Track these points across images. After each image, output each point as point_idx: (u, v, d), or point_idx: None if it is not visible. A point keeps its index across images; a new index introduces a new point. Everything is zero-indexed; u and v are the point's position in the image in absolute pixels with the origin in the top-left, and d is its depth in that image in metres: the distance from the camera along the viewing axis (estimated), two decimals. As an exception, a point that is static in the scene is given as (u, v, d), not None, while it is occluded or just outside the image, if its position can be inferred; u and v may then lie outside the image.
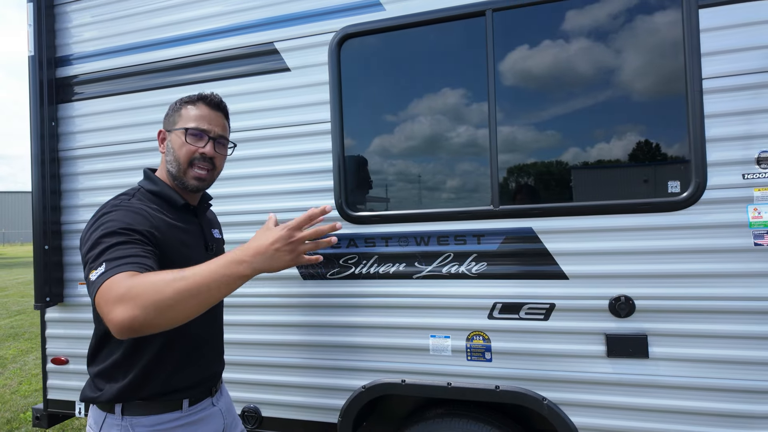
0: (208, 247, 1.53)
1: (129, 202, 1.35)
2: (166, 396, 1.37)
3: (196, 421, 1.43)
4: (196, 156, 1.44)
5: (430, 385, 2.03)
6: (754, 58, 1.71)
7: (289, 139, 2.23)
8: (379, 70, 2.20)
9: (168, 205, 1.45)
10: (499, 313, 1.95)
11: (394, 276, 2.08)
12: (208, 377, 1.50)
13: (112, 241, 1.19)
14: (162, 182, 1.48)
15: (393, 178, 2.18)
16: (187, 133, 1.43)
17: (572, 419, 1.87)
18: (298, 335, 2.22)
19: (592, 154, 1.90)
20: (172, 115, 1.48)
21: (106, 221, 1.25)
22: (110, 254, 1.15)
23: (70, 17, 2.62)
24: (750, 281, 1.71)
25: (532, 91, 1.98)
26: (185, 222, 1.47)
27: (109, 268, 1.11)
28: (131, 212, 1.30)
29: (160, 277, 1.07)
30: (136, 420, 1.33)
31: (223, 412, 1.55)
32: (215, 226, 1.73)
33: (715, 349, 1.74)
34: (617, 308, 1.81)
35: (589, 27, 1.90)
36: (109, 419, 1.34)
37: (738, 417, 1.72)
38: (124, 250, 1.17)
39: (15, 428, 3.92)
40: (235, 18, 2.31)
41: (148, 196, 1.44)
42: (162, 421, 1.35)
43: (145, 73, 2.48)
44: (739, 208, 1.72)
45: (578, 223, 1.86)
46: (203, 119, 1.46)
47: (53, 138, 2.61)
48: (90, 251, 1.20)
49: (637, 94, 1.86)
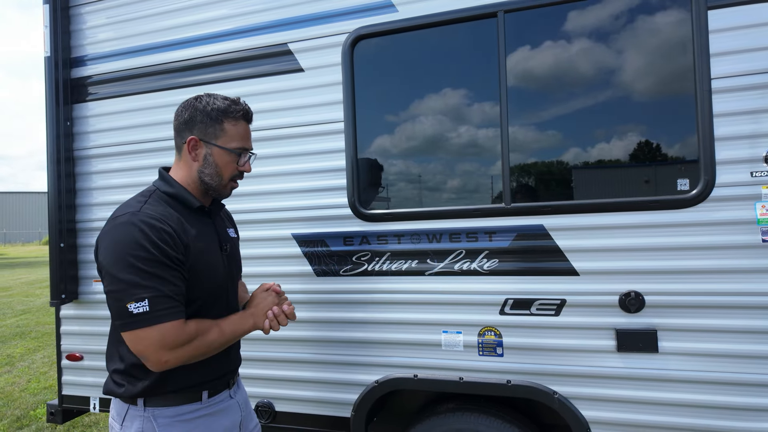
0: (223, 247, 1.53)
1: (150, 213, 1.32)
2: (188, 389, 1.41)
3: (215, 413, 1.46)
4: (237, 173, 1.51)
5: (442, 380, 2.06)
6: (761, 58, 1.74)
7: (303, 139, 2.26)
8: (391, 70, 2.23)
9: (183, 207, 1.45)
10: (511, 309, 1.99)
11: (406, 273, 2.12)
12: (228, 371, 1.54)
13: (149, 269, 1.24)
14: (178, 185, 1.46)
15: (405, 177, 2.21)
16: (240, 156, 1.48)
17: (583, 413, 1.91)
18: (311, 331, 2.25)
19: (602, 153, 1.94)
20: (211, 126, 1.43)
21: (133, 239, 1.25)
22: (151, 289, 1.24)
23: (85, 18, 2.65)
24: (758, 277, 1.74)
25: (543, 90, 2.02)
26: (200, 223, 1.48)
27: (157, 310, 1.24)
28: (156, 227, 1.29)
29: (210, 337, 1.35)
30: (158, 411, 1.36)
31: (240, 404, 1.58)
32: (230, 224, 1.73)
33: (724, 343, 1.77)
34: (627, 304, 1.84)
35: (599, 28, 1.93)
36: (131, 411, 1.37)
37: (746, 410, 1.76)
38: (163, 284, 1.26)
39: (25, 425, 3.96)
40: (249, 19, 2.35)
41: (164, 197, 1.44)
42: (183, 412, 1.39)
43: (159, 73, 2.52)
44: (748, 206, 1.75)
45: (589, 220, 1.90)
46: (248, 139, 1.51)
47: (68, 137, 2.65)
48: (120, 270, 1.23)
49: (648, 93, 1.90)
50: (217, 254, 1.50)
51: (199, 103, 1.45)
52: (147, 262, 1.24)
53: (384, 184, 2.25)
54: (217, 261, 1.47)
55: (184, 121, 1.46)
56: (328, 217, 2.23)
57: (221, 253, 1.52)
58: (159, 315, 1.23)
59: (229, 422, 1.50)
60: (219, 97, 1.47)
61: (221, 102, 1.45)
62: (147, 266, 1.24)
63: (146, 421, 1.35)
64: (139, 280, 1.23)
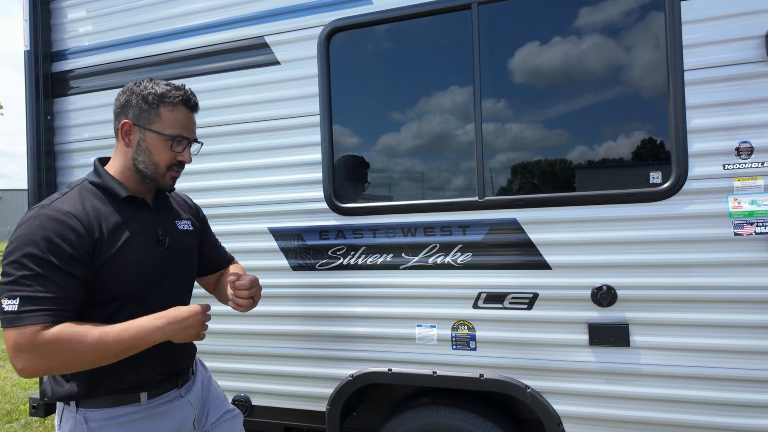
0: (160, 241, 1.43)
1: (58, 207, 1.26)
2: (123, 391, 1.33)
3: (156, 414, 1.38)
4: (174, 162, 1.41)
5: (416, 374, 2.06)
6: (734, 49, 1.72)
7: (279, 132, 2.26)
8: (367, 63, 2.22)
9: (112, 199, 1.37)
10: (484, 303, 1.98)
11: (381, 267, 2.11)
12: (174, 372, 1.45)
13: (34, 267, 1.17)
14: (107, 174, 1.38)
15: (380, 170, 2.20)
16: (174, 141, 1.38)
17: (555, 407, 1.90)
18: (287, 325, 2.25)
19: (575, 147, 1.92)
20: (146, 111, 1.36)
21: (29, 235, 1.20)
22: (28, 288, 1.16)
23: (65, 12, 2.65)
24: (730, 271, 1.72)
25: (517, 84, 2.01)
26: (132, 215, 1.38)
27: (22, 311, 1.15)
28: (60, 222, 1.23)
29: (80, 346, 1.17)
30: (90, 413, 1.30)
31: (193, 402, 1.49)
32: (186, 215, 1.60)
33: (695, 338, 1.76)
34: (599, 297, 1.83)
35: (572, 19, 1.92)
36: (66, 411, 1.33)
37: (718, 405, 1.74)
38: (43, 284, 1.17)
39: (15, 419, 3.98)
40: (226, 12, 2.34)
41: (91, 189, 1.36)
42: (116, 414, 1.32)
43: (139, 67, 2.51)
44: (720, 199, 1.74)
45: (561, 213, 1.89)
46: (186, 126, 1.40)
47: (49, 131, 2.65)
48: (8, 264, 1.18)
49: (621, 85, 1.88)
50: (149, 249, 1.39)
51: (137, 87, 1.38)
52: (34, 260, 1.17)
53: (360, 178, 2.24)
54: (145, 256, 1.37)
55: (120, 105, 1.39)
56: (305, 211, 2.22)
57: (157, 247, 1.41)
58: (22, 317, 1.14)
59: (176, 423, 1.42)
60: (161, 82, 1.39)
61: (160, 87, 1.37)
62: (33, 263, 1.17)
63: (78, 423, 1.29)
64: (19, 276, 1.16)
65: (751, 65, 1.70)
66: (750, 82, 1.71)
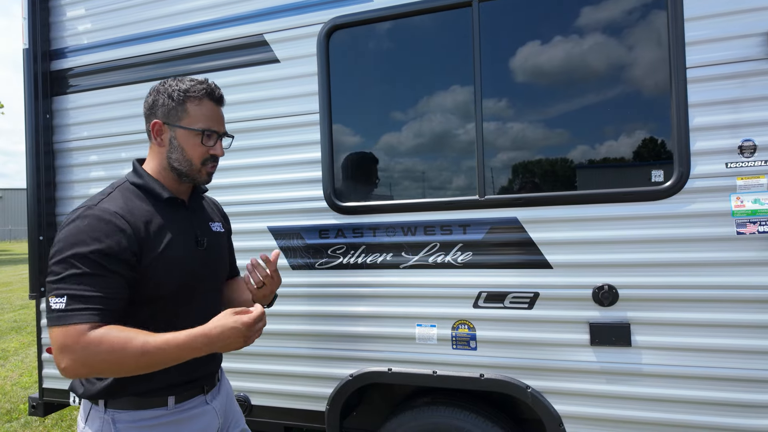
0: (199, 242, 1.45)
1: (105, 207, 1.27)
2: (151, 393, 1.33)
3: (182, 420, 1.38)
4: (207, 156, 1.42)
5: (416, 374, 2.05)
6: (736, 47, 1.71)
7: (279, 130, 2.24)
8: (367, 61, 2.21)
9: (154, 199, 1.38)
10: (484, 302, 1.96)
11: (381, 266, 2.10)
12: (200, 377, 1.44)
13: (79, 269, 1.18)
14: (148, 176, 1.41)
15: (380, 169, 2.19)
16: (203, 135, 1.38)
17: (556, 407, 1.88)
18: (286, 324, 2.24)
19: (576, 145, 1.91)
20: (175, 109, 1.38)
21: (77, 234, 1.21)
22: (75, 287, 1.17)
23: (64, 10, 2.64)
24: (732, 270, 1.71)
25: (518, 82, 1.99)
26: (173, 216, 1.40)
27: (69, 309, 1.15)
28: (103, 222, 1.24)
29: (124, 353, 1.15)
30: (119, 414, 1.31)
31: (217, 410, 1.48)
32: (218, 218, 1.63)
33: (697, 338, 1.75)
34: (601, 297, 1.82)
35: (574, 17, 1.90)
36: (93, 411, 1.33)
37: (720, 405, 1.73)
38: (92, 283, 1.18)
39: (14, 418, 3.98)
40: (225, 10, 2.33)
41: (134, 190, 1.38)
42: (144, 417, 1.32)
43: (138, 65, 2.50)
44: (722, 197, 1.72)
45: (562, 212, 1.87)
46: (214, 119, 1.42)
47: (48, 130, 2.64)
48: (56, 264, 1.19)
49: (624, 84, 1.87)
50: (190, 249, 1.41)
51: (162, 86, 1.40)
52: (82, 259, 1.18)
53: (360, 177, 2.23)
54: (187, 256, 1.39)
55: (149, 106, 1.41)
56: (304, 210, 2.21)
57: (196, 248, 1.43)
58: (69, 315, 1.16)
59: (199, 429, 1.41)
60: (185, 79, 1.40)
61: (184, 83, 1.39)
62: (80, 263, 1.18)
63: (105, 424, 1.30)
64: (67, 275, 1.17)
65: (754, 62, 1.69)
66: (753, 80, 1.69)
